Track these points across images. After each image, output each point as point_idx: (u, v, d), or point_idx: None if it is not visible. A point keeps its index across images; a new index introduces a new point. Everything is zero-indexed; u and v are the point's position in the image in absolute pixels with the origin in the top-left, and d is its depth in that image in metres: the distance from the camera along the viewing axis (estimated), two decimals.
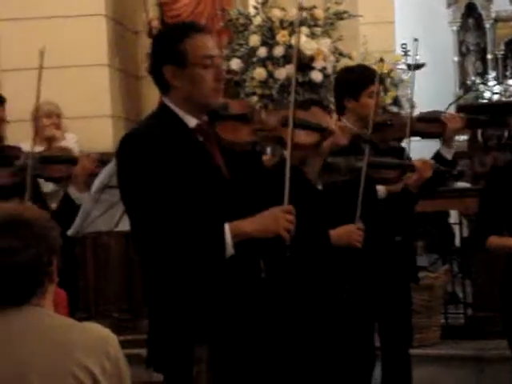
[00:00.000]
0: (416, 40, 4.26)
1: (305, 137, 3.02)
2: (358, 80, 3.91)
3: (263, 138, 2.91)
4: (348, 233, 3.52)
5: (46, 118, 6.11)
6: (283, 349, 2.78)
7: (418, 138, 4.15)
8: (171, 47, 2.75)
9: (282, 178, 2.75)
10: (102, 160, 3.88)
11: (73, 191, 3.85)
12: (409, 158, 3.92)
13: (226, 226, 2.65)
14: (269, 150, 4.85)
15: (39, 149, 5.04)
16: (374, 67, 6.18)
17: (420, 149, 4.40)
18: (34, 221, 2.09)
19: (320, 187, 3.51)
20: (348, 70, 4.22)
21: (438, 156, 4.05)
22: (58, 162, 3.84)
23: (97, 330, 2.13)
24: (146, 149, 2.65)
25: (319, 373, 3.28)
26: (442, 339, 5.47)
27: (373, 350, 3.91)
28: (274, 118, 2.92)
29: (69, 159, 3.83)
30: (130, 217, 2.77)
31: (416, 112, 6.25)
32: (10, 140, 4.24)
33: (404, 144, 4.12)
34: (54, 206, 4.25)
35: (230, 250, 2.64)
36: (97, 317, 5.47)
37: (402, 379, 4.01)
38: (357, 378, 3.81)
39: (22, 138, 4.52)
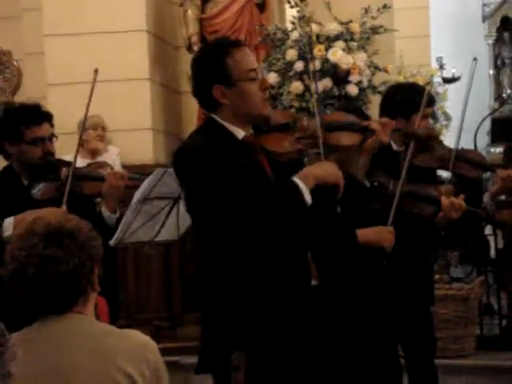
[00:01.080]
0: (475, 59, 4.17)
1: (347, 138, 3.01)
2: (414, 101, 3.77)
3: (307, 144, 2.91)
4: (381, 232, 3.46)
5: (92, 130, 6.23)
6: (316, 361, 2.79)
7: None
8: (215, 68, 2.78)
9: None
10: (130, 177, 3.89)
11: (103, 210, 3.82)
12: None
13: (294, 177, 2.70)
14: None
15: (84, 161, 5.16)
16: (410, 81, 6.26)
17: None
18: (76, 231, 2.14)
19: (367, 184, 3.48)
20: (402, 89, 4.05)
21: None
22: (89, 179, 3.82)
23: (137, 337, 2.18)
24: (203, 154, 2.70)
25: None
26: (477, 350, 5.45)
27: (398, 362, 3.89)
28: (315, 124, 2.91)
29: (97, 177, 3.81)
30: (200, 215, 2.77)
31: (451, 125, 6.30)
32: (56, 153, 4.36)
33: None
34: None
35: (307, 196, 2.68)
36: (136, 325, 5.53)
37: None
38: None
39: (66, 151, 4.63)
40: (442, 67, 6.50)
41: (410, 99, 3.84)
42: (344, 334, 3.28)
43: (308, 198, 2.69)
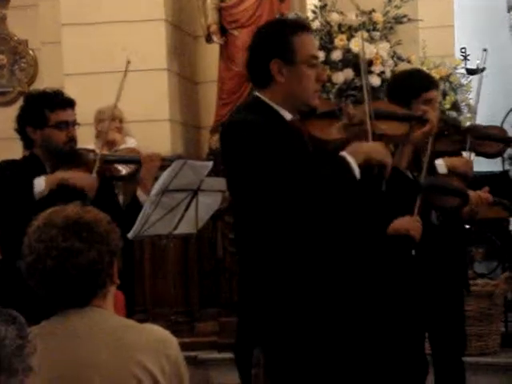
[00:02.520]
0: (485, 50, 4.14)
1: (395, 127, 3.01)
2: (411, 87, 3.72)
3: (354, 132, 2.89)
4: (409, 221, 3.41)
5: (109, 121, 6.18)
6: (337, 357, 2.76)
7: None
8: (281, 42, 2.76)
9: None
10: (163, 157, 3.99)
11: (140, 193, 3.92)
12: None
13: (343, 152, 2.69)
14: None
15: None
16: (433, 72, 6.15)
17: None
18: (95, 223, 2.12)
19: (410, 176, 3.47)
20: (402, 76, 4.05)
21: (504, 175, 3.91)
22: (124, 163, 3.92)
23: (157, 332, 2.16)
24: (249, 133, 2.67)
25: (372, 381, 3.25)
26: (501, 347, 5.42)
27: (424, 356, 3.83)
28: (362, 112, 2.90)
29: (132, 160, 3.92)
30: (246, 192, 2.74)
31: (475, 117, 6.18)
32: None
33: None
34: None
35: (356, 170, 2.67)
36: (153, 319, 5.51)
37: None
38: None
39: (84, 141, 4.58)
40: (465, 58, 6.40)
41: (407, 85, 3.77)
42: (369, 327, 3.23)
43: (357, 172, 2.67)
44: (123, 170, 3.95)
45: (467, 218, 3.69)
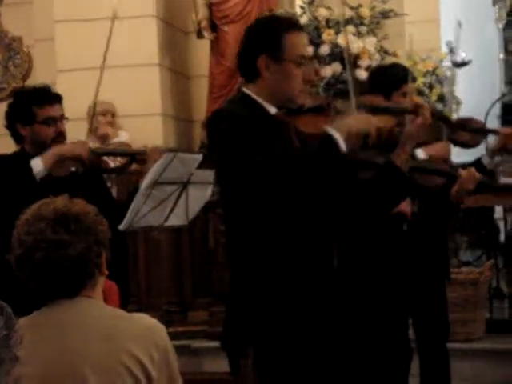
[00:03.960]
0: (459, 24, 4.15)
1: (384, 120, 2.95)
2: (390, 79, 3.81)
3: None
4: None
5: (101, 116, 6.25)
6: (321, 346, 2.78)
7: None
8: (272, 39, 2.77)
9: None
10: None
11: None
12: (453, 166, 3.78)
13: (327, 128, 2.66)
14: None
15: (93, 145, 5.20)
16: (420, 65, 6.25)
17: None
18: (82, 215, 2.14)
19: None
20: (380, 69, 4.13)
21: (477, 163, 3.91)
22: (114, 155, 4.00)
23: (145, 321, 2.18)
24: (238, 119, 2.69)
25: (356, 368, 3.31)
26: (486, 333, 5.45)
27: (408, 343, 3.88)
28: (350, 106, 2.91)
29: (124, 153, 4.00)
30: (234, 179, 2.74)
31: (461, 110, 6.30)
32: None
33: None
34: None
35: (341, 143, 2.63)
36: (147, 309, 5.57)
37: (440, 373, 3.95)
38: (394, 372, 3.79)
39: (76, 136, 4.65)
40: (451, 51, 6.48)
41: (387, 78, 3.85)
42: (354, 312, 3.25)
43: (343, 145, 2.63)
44: (115, 162, 4.02)
45: (455, 198, 3.66)
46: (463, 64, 6.58)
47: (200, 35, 6.77)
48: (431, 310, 3.93)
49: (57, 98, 3.83)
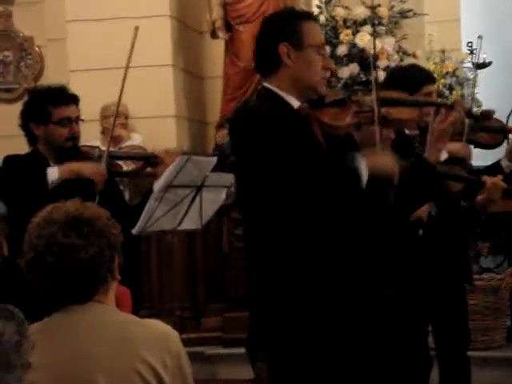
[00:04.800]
0: (480, 37, 4.15)
1: (405, 112, 3.02)
2: (411, 81, 3.75)
3: (364, 118, 2.90)
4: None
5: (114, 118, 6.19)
6: (338, 353, 2.75)
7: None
8: (290, 27, 2.79)
9: None
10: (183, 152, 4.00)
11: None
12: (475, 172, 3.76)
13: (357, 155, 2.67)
14: None
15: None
16: (439, 66, 6.15)
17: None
18: (94, 219, 2.12)
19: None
20: (401, 70, 4.09)
21: (496, 166, 3.90)
22: (127, 159, 3.98)
23: (158, 327, 2.16)
24: (257, 121, 2.68)
25: (375, 377, 3.24)
26: (507, 341, 5.41)
27: (427, 351, 3.83)
28: (370, 99, 2.92)
29: (141, 156, 3.97)
30: (244, 188, 2.77)
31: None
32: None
33: None
34: None
35: (365, 180, 2.65)
36: (160, 315, 5.52)
37: (460, 382, 3.90)
38: (414, 381, 3.73)
39: (90, 138, 4.59)
40: (472, 52, 6.37)
41: (407, 79, 3.80)
42: (371, 318, 3.21)
43: (365, 174, 2.65)
44: (129, 166, 3.97)
45: (481, 207, 3.67)
46: (484, 65, 6.48)
47: (214, 35, 6.72)
48: (451, 317, 3.88)
49: (73, 99, 3.83)
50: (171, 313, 5.75)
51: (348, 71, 5.99)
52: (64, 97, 3.78)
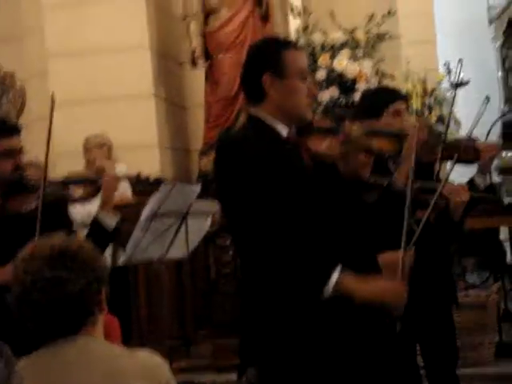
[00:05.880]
0: (460, 61, 4.20)
1: (387, 144, 3.14)
2: (377, 100, 3.83)
3: (351, 148, 2.94)
4: (396, 260, 3.45)
5: (97, 149, 6.20)
6: (331, 372, 2.73)
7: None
8: (273, 56, 2.79)
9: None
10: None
11: (104, 215, 3.77)
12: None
13: (336, 274, 2.59)
14: None
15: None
16: (417, 86, 6.22)
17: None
18: (80, 251, 2.12)
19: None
20: (369, 92, 4.22)
21: (470, 184, 3.86)
22: (78, 184, 3.77)
23: (147, 358, 2.15)
24: (245, 150, 2.66)
25: None
26: (496, 357, 5.38)
27: (417, 370, 3.81)
28: (359, 130, 3.00)
29: (88, 181, 3.78)
30: (230, 214, 2.75)
31: (462, 129, 6.27)
32: (61, 172, 4.30)
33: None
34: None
35: (328, 292, 2.59)
36: (150, 344, 5.50)
37: None
38: None
39: (71, 169, 4.58)
40: (449, 72, 6.44)
41: (375, 99, 3.88)
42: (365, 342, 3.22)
43: (327, 293, 2.59)
44: (81, 191, 3.83)
45: (454, 213, 3.63)
46: (461, 84, 6.54)
47: (194, 64, 6.75)
48: (439, 336, 3.86)
49: (16, 130, 3.65)
50: (160, 342, 5.72)
51: (328, 95, 6.04)
52: (6, 128, 3.60)
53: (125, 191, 5.83)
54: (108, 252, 5.82)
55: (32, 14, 7.12)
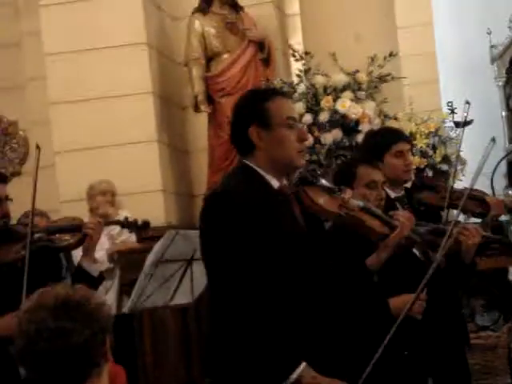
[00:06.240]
0: (468, 103, 4.22)
1: (378, 225, 3.20)
2: (380, 141, 3.89)
3: (345, 214, 3.02)
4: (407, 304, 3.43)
5: (101, 196, 6.20)
6: None
7: None
8: (256, 109, 2.79)
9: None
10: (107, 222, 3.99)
11: (86, 263, 3.75)
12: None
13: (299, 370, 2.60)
14: None
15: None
16: (421, 127, 6.19)
17: None
18: (84, 302, 2.08)
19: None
20: (372, 133, 4.26)
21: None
22: (64, 232, 3.77)
23: None
24: (232, 207, 2.66)
25: None
26: None
27: None
28: (356, 202, 3.09)
29: (73, 227, 3.78)
30: (210, 275, 2.74)
31: (466, 169, 6.22)
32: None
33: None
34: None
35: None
36: None
37: None
38: None
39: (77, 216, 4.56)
40: (453, 112, 6.43)
41: (377, 140, 3.94)
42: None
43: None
44: (69, 239, 3.80)
45: (466, 256, 3.63)
46: (466, 123, 6.53)
47: (197, 109, 6.77)
48: (454, 379, 3.79)
49: (1, 178, 3.67)
50: None
51: (331, 137, 6.02)
52: None
53: (128, 237, 5.81)
54: (112, 299, 5.78)
55: (34, 63, 7.17)
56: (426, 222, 3.71)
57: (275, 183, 2.80)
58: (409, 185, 4.11)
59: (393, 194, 3.88)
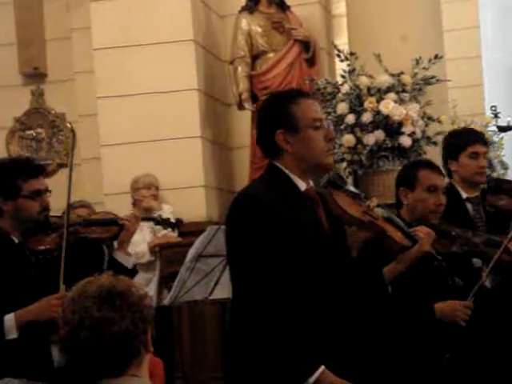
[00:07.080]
0: None
1: (400, 237, 3.20)
2: (457, 141, 3.97)
3: (368, 222, 3.03)
4: (453, 310, 3.40)
5: (145, 190, 6.27)
6: None
7: None
8: (281, 113, 2.78)
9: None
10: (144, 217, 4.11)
11: (119, 255, 3.85)
12: None
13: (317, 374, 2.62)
14: None
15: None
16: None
17: None
18: (127, 292, 2.12)
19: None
20: (452, 133, 4.33)
21: None
22: (100, 225, 3.84)
23: None
24: (257, 211, 2.67)
25: None
26: None
27: None
28: (380, 211, 3.10)
29: (109, 221, 3.86)
30: (233, 276, 2.77)
31: (508, 174, 6.20)
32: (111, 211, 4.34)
33: None
34: None
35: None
36: None
37: None
38: None
39: (121, 210, 4.62)
40: (496, 116, 6.40)
41: (454, 141, 4.02)
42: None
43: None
44: (103, 232, 3.87)
45: None
46: (508, 128, 6.50)
47: (241, 107, 6.81)
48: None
49: (40, 170, 3.69)
50: (204, 383, 5.71)
51: (373, 138, 6.02)
52: (33, 169, 3.63)
53: (169, 232, 5.87)
54: (153, 291, 5.86)
55: (82, 57, 7.27)
56: (497, 225, 3.73)
57: (302, 185, 2.81)
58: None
59: (464, 195, 3.89)
